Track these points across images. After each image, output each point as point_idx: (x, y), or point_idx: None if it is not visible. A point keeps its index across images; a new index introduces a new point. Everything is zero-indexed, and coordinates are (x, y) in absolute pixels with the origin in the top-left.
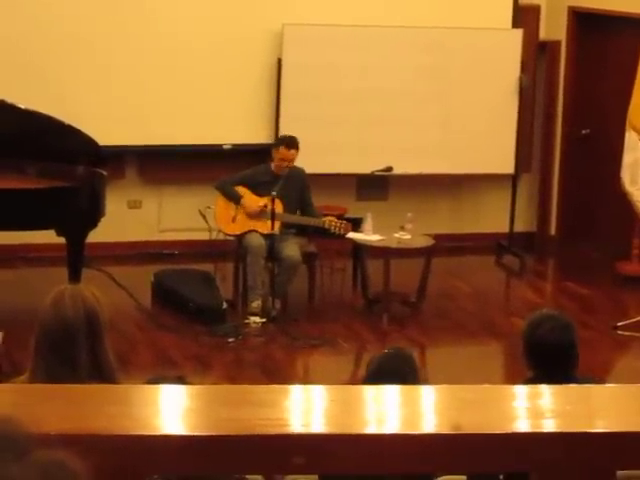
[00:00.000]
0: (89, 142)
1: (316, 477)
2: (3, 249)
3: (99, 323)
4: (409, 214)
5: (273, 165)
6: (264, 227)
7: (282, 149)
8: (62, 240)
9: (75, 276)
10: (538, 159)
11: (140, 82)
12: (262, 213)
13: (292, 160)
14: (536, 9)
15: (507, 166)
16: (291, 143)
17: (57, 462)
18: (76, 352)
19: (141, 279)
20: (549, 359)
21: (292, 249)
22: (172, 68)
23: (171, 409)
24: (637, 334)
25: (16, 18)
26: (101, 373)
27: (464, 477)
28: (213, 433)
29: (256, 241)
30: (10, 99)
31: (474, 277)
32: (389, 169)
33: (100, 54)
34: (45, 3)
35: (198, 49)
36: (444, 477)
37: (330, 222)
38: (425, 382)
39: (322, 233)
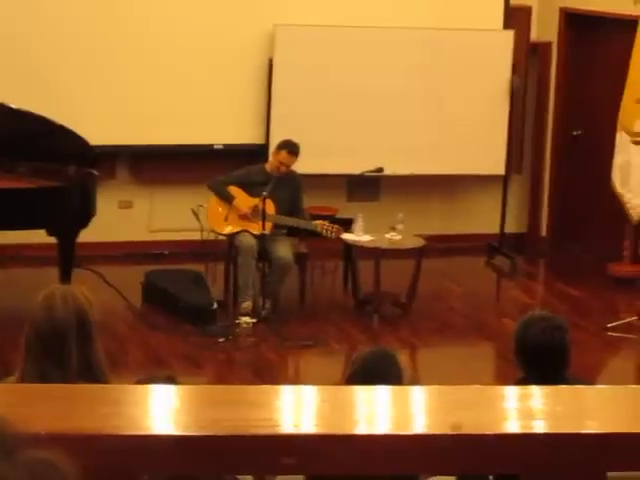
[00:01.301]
0: (80, 142)
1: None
2: None
3: (89, 323)
4: (400, 215)
5: (268, 165)
6: (256, 227)
7: (283, 153)
8: (53, 240)
9: (66, 276)
10: (529, 160)
11: (131, 82)
12: (254, 213)
13: (289, 165)
14: (527, 10)
15: (498, 167)
16: (293, 150)
17: (45, 461)
18: (66, 352)
19: (132, 279)
20: (540, 360)
21: (284, 250)
22: (163, 68)
23: (162, 409)
24: (627, 335)
25: (9, 18)
26: (91, 373)
27: (454, 478)
28: (204, 433)
29: (247, 241)
30: (1, 99)
31: (465, 278)
32: (380, 170)
33: (92, 55)
34: (38, 4)
35: (189, 49)
36: (434, 478)
37: (322, 226)
38: (412, 382)
39: (313, 234)
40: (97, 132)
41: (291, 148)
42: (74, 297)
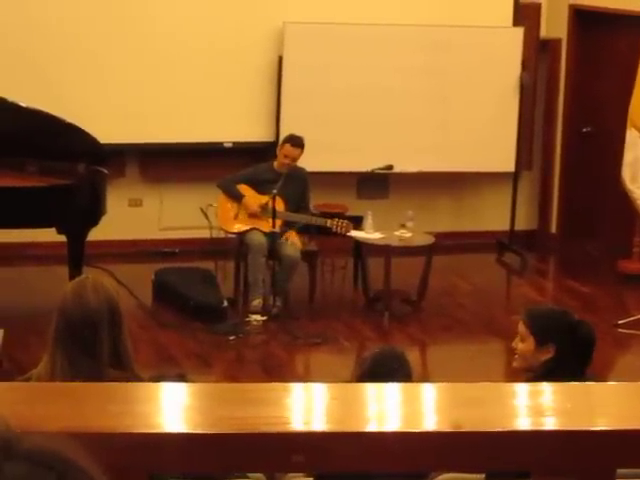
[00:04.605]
0: (90, 140)
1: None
2: (4, 247)
3: (119, 313)
4: (410, 212)
5: (276, 163)
6: (265, 225)
7: (287, 146)
8: (63, 238)
9: (76, 274)
10: (539, 157)
11: (141, 80)
12: (264, 211)
13: (295, 159)
14: (537, 7)
15: (508, 164)
16: (297, 142)
17: (50, 450)
18: (98, 341)
19: (142, 277)
20: (588, 356)
21: (291, 248)
22: (173, 66)
23: (172, 407)
24: (638, 332)
25: (17, 17)
26: (120, 361)
27: (463, 476)
28: (214, 431)
29: (257, 239)
30: (12, 97)
31: (475, 275)
32: (389, 167)
33: (101, 52)
34: (46, 2)
35: (199, 47)
36: (443, 476)
37: (332, 222)
38: (423, 380)
39: (323, 232)
40: (107, 130)
41: (294, 141)
42: (104, 287)
